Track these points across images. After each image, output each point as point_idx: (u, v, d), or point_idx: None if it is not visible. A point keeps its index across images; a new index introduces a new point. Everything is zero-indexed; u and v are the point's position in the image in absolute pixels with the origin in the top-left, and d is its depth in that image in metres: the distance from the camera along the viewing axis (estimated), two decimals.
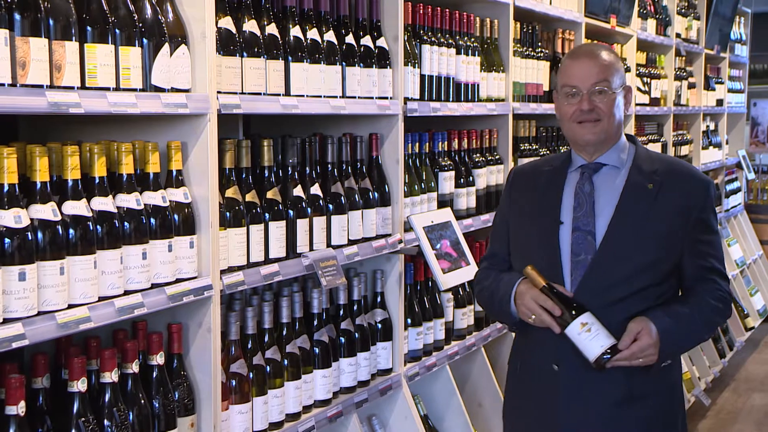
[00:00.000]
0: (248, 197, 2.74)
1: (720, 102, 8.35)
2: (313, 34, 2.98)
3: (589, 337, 2.54)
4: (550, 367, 2.68)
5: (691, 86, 7.47)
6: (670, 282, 2.69)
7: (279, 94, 2.82)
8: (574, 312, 2.56)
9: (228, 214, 2.65)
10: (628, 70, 5.94)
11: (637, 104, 6.14)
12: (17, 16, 1.97)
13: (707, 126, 8.00)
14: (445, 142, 3.86)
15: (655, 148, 6.51)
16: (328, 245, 3.08)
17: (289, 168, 2.95)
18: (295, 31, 2.91)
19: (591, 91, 2.67)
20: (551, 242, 2.69)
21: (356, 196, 3.22)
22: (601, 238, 2.65)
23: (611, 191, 2.70)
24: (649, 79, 6.39)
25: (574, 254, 2.66)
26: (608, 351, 2.53)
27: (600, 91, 2.67)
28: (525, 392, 2.81)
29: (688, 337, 2.72)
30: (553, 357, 2.67)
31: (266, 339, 2.88)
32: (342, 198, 3.13)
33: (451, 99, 3.84)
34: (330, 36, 3.07)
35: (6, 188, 2.01)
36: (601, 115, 2.68)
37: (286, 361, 2.93)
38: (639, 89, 6.20)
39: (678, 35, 7.10)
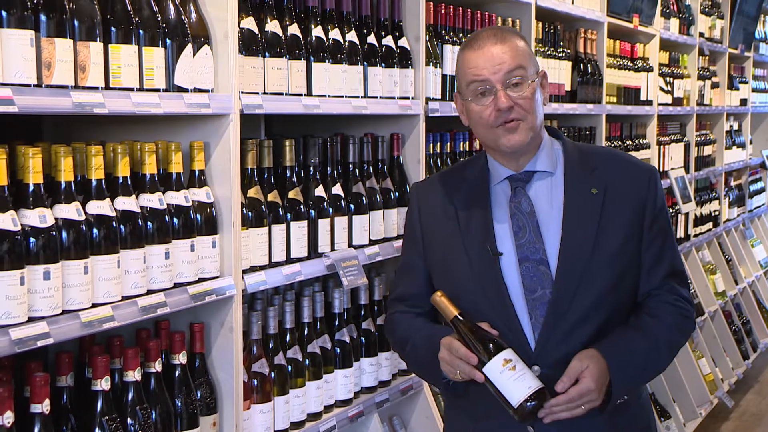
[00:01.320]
0: (270, 197, 2.75)
1: (744, 102, 8.28)
2: (335, 34, 2.98)
3: (514, 376, 2.08)
4: (523, 429, 2.21)
5: (715, 86, 7.41)
6: (636, 296, 2.32)
7: (301, 95, 2.82)
8: (492, 347, 2.11)
9: (250, 213, 2.66)
10: (650, 69, 5.91)
11: (659, 104, 6.10)
12: (43, 18, 1.98)
13: (731, 126, 7.94)
14: (467, 142, 3.85)
15: (678, 147, 6.47)
16: (350, 245, 3.08)
17: (311, 168, 2.95)
18: (317, 32, 2.91)
19: (506, 84, 2.20)
20: (495, 281, 2.21)
21: (378, 196, 3.22)
22: (555, 265, 2.21)
23: (552, 205, 2.26)
24: (671, 79, 6.35)
25: (528, 291, 2.21)
26: (535, 395, 2.08)
27: (516, 83, 2.20)
28: None
29: (644, 373, 2.29)
30: None
31: (288, 339, 2.89)
32: (363, 198, 3.14)
33: None
34: (352, 36, 3.07)
35: (31, 188, 2.02)
36: (523, 115, 2.21)
37: (307, 361, 2.93)
38: (662, 89, 6.16)
39: (701, 34, 7.05)
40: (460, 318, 2.17)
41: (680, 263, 2.39)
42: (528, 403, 2.08)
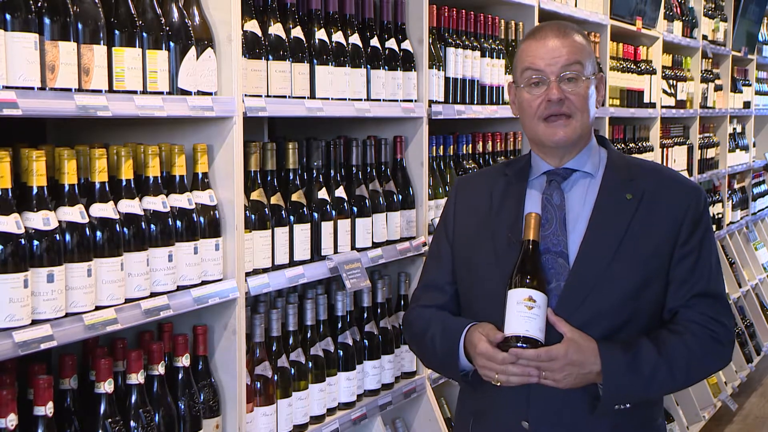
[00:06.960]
0: (273, 200, 2.75)
1: (747, 104, 8.27)
2: (338, 37, 2.99)
3: (524, 313, 2.07)
4: (518, 424, 2.20)
5: (718, 88, 7.41)
6: (658, 315, 2.24)
7: (304, 97, 2.82)
8: (531, 281, 2.11)
9: (253, 216, 2.66)
10: (654, 72, 5.91)
11: (663, 106, 6.10)
12: (47, 21, 1.99)
13: (734, 128, 7.93)
14: (470, 145, 3.85)
15: (681, 150, 6.47)
16: (353, 248, 3.08)
17: (314, 171, 2.96)
18: (321, 34, 2.91)
19: (560, 78, 2.20)
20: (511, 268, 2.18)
21: (380, 198, 3.22)
22: (574, 259, 2.19)
23: (584, 204, 2.25)
24: (675, 81, 6.35)
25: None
26: (526, 340, 2.06)
27: (571, 77, 2.20)
28: None
29: (648, 386, 2.17)
30: (521, 412, 2.20)
31: (291, 341, 2.89)
32: (366, 201, 3.14)
33: (475, 101, 3.83)
34: (355, 39, 3.08)
35: (35, 191, 2.03)
36: (573, 111, 2.21)
37: (310, 364, 2.93)
38: (665, 91, 6.16)
39: (704, 37, 7.05)
40: (531, 245, 2.16)
41: (718, 287, 2.27)
42: (515, 342, 2.07)
